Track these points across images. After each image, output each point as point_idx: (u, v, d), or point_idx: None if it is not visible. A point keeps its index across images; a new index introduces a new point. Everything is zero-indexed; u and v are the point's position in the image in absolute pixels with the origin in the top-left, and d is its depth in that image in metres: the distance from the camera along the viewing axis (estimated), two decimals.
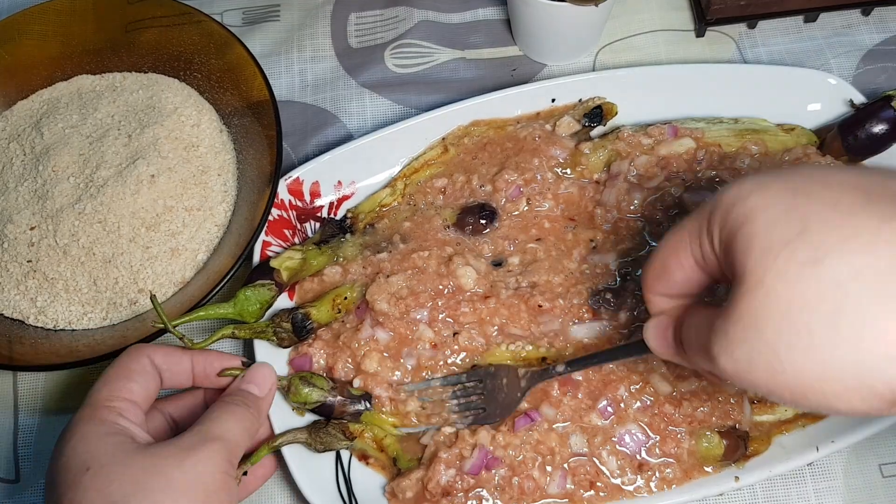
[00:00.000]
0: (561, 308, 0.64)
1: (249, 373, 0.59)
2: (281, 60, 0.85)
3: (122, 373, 0.55)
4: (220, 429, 0.52)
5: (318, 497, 0.60)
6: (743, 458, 0.60)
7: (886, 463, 0.64)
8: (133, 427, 0.52)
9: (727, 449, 0.59)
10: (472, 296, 0.65)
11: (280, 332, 0.64)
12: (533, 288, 0.65)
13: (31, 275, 0.68)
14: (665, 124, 0.71)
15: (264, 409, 0.59)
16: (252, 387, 0.58)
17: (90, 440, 0.50)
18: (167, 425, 0.60)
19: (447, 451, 0.60)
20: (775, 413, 0.62)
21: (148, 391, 0.55)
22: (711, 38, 0.82)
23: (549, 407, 0.61)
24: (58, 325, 0.68)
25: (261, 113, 0.71)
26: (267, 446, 0.59)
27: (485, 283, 0.65)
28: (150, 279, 0.68)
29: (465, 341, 0.64)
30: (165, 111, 0.74)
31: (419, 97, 0.81)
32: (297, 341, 0.65)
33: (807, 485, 0.64)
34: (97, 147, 0.71)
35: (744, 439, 0.60)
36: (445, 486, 0.58)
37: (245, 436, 0.54)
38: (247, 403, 0.56)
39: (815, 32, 0.82)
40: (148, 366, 0.56)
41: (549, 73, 0.82)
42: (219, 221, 0.71)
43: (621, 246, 0.67)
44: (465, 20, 0.86)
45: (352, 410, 0.62)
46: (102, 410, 0.52)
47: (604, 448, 0.60)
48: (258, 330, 0.63)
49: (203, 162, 0.72)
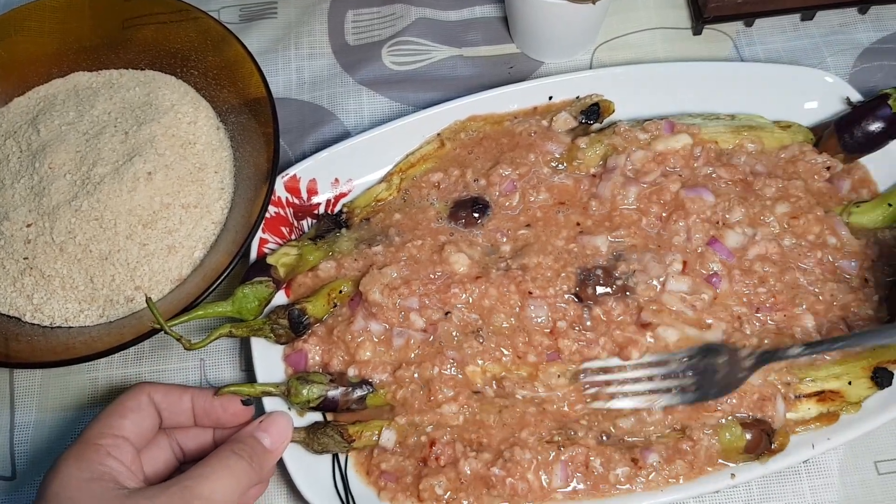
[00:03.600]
0: (550, 296, 0.64)
1: (267, 421, 0.57)
2: (278, 57, 0.84)
3: (117, 410, 0.54)
4: (208, 489, 0.50)
5: (316, 496, 0.60)
6: (767, 452, 0.59)
7: (882, 460, 0.64)
8: (119, 468, 0.51)
9: (750, 442, 0.59)
10: (463, 277, 0.65)
11: (277, 328, 0.64)
12: (525, 272, 0.65)
13: (28, 272, 0.68)
14: (661, 119, 0.71)
15: (268, 465, 0.56)
16: (265, 438, 0.56)
17: (72, 486, 0.49)
18: (173, 458, 0.58)
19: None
20: (798, 412, 0.61)
21: (142, 429, 0.54)
22: (708, 35, 0.82)
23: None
24: (54, 323, 0.68)
25: (258, 110, 0.71)
26: None
27: (476, 268, 0.66)
28: (146, 276, 0.68)
29: (458, 321, 0.64)
30: (162, 108, 0.74)
31: (416, 94, 0.81)
32: (295, 337, 0.65)
33: (803, 482, 0.64)
34: (94, 144, 0.71)
35: (769, 434, 0.59)
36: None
37: (235, 495, 0.52)
38: (251, 456, 0.54)
39: (811, 30, 0.82)
40: (145, 403, 0.55)
41: (547, 70, 0.82)
42: (216, 219, 0.71)
43: (615, 232, 0.67)
44: (462, 18, 0.86)
45: (356, 397, 0.62)
46: (90, 449, 0.51)
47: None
48: (255, 328, 0.63)
49: (200, 159, 0.72)
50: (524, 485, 0.58)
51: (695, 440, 0.59)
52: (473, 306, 0.64)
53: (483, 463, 0.59)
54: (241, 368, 0.71)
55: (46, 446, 0.69)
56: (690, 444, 0.59)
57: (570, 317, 0.64)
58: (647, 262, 0.65)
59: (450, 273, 0.65)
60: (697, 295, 0.64)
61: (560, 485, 0.59)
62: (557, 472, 0.59)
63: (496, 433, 0.61)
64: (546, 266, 0.65)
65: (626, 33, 0.83)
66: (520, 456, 0.59)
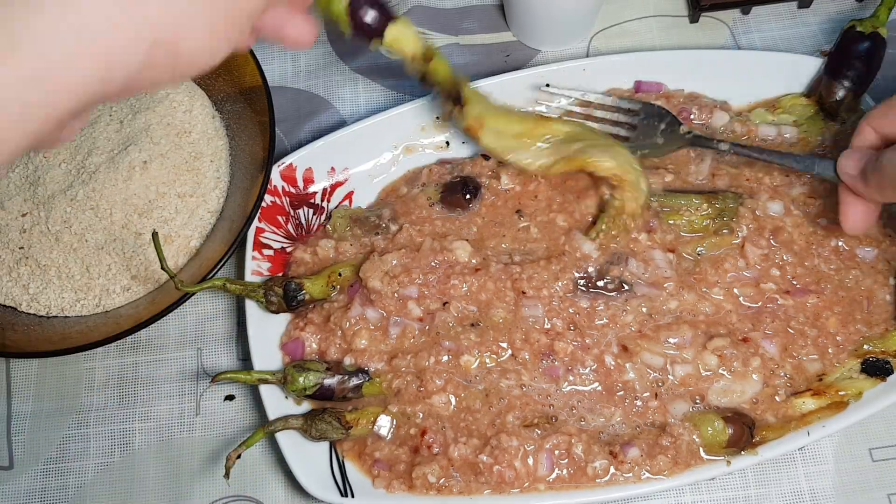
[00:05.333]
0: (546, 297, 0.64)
1: None
2: (273, 46, 0.84)
3: None
4: None
5: (313, 483, 0.60)
6: (749, 445, 0.59)
7: (877, 447, 0.64)
8: None
9: (732, 436, 0.59)
10: (464, 268, 0.65)
11: (271, 295, 0.64)
12: (522, 269, 0.64)
13: (24, 261, 0.68)
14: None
15: None
16: None
17: None
18: None
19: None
20: (795, 408, 0.61)
21: None
22: (705, 23, 0.82)
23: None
24: (50, 312, 0.68)
25: (253, 99, 0.71)
26: (262, 431, 0.60)
27: (477, 257, 0.66)
28: (142, 266, 0.68)
29: (456, 312, 0.64)
30: (157, 97, 0.73)
31: (412, 83, 0.81)
32: (287, 309, 0.65)
33: (798, 469, 0.64)
34: (89, 133, 0.70)
35: (749, 427, 0.59)
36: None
37: None
38: None
39: (808, 18, 0.82)
40: None
41: (543, 58, 0.81)
42: (211, 208, 0.71)
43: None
44: (458, 5, 0.85)
45: (352, 386, 0.62)
46: None
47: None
48: (250, 289, 0.64)
49: (195, 148, 0.72)
50: (511, 472, 0.59)
51: (675, 436, 0.59)
52: (471, 298, 0.64)
53: (472, 449, 0.59)
54: (239, 358, 0.71)
55: (43, 436, 0.69)
56: (671, 440, 0.59)
57: (566, 316, 0.64)
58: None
59: (452, 262, 0.65)
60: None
61: (545, 473, 0.59)
62: (543, 461, 0.59)
63: (482, 417, 0.61)
64: (542, 266, 0.65)
65: (623, 21, 0.83)
66: (506, 443, 0.59)
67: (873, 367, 0.61)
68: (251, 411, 0.69)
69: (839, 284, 0.64)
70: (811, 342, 0.62)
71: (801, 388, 0.61)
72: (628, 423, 0.61)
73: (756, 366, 0.61)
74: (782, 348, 0.62)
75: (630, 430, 0.61)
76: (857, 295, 0.64)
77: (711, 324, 0.63)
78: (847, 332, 0.62)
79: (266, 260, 0.68)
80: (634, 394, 0.61)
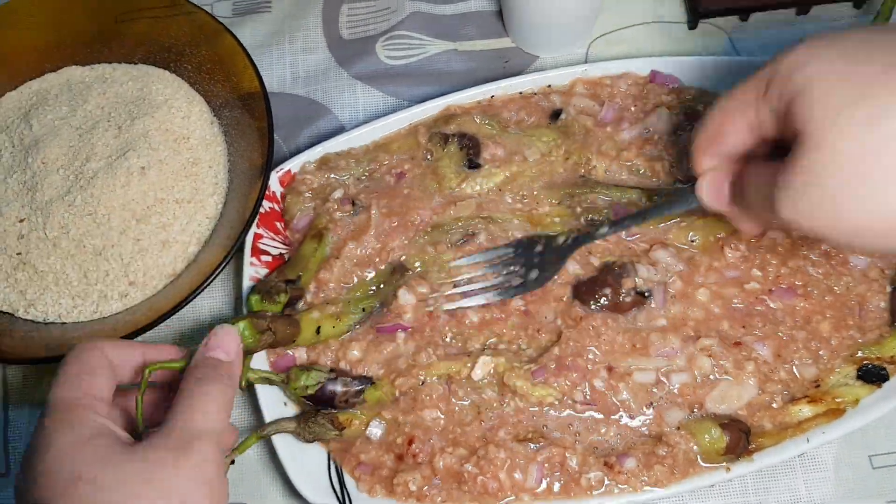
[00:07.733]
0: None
1: (212, 338, 0.54)
2: (272, 52, 0.84)
3: (85, 369, 0.50)
4: (204, 421, 0.48)
5: (309, 488, 0.60)
6: (746, 452, 0.59)
7: (877, 454, 0.64)
8: (112, 424, 0.48)
9: (729, 443, 0.58)
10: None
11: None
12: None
13: (21, 267, 0.68)
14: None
15: (235, 374, 0.54)
16: (219, 353, 0.53)
17: (75, 446, 0.45)
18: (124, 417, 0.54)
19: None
20: (791, 415, 0.61)
21: (110, 387, 0.51)
22: (704, 30, 0.82)
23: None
24: (48, 318, 0.68)
25: (252, 104, 0.71)
26: (255, 435, 0.59)
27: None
28: (140, 272, 0.67)
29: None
30: (156, 103, 0.73)
31: (411, 89, 0.81)
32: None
33: (797, 476, 0.64)
34: (87, 139, 0.70)
35: (746, 433, 0.59)
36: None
37: (226, 416, 0.50)
38: (219, 375, 0.51)
39: (807, 25, 0.82)
40: (104, 359, 0.51)
41: (542, 64, 0.81)
42: (210, 214, 0.71)
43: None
44: (457, 11, 0.85)
45: (354, 390, 0.62)
46: (76, 411, 0.47)
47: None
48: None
49: (194, 154, 0.72)
50: (495, 483, 0.58)
51: (672, 445, 0.59)
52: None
53: (458, 458, 0.59)
54: None
55: None
56: (668, 450, 0.59)
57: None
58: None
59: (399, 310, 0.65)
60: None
61: (533, 485, 0.59)
62: (532, 472, 0.59)
63: (472, 430, 0.61)
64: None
65: (622, 27, 0.83)
66: (494, 454, 0.58)
67: (869, 373, 0.61)
68: (249, 418, 0.69)
69: (827, 289, 0.64)
70: (803, 346, 0.62)
71: (798, 395, 0.61)
72: (623, 436, 0.60)
73: (750, 370, 0.61)
74: (775, 352, 0.62)
75: (625, 441, 0.60)
76: (848, 301, 0.63)
77: (701, 330, 0.63)
78: (840, 336, 0.62)
79: (264, 266, 0.68)
80: (631, 413, 0.61)
